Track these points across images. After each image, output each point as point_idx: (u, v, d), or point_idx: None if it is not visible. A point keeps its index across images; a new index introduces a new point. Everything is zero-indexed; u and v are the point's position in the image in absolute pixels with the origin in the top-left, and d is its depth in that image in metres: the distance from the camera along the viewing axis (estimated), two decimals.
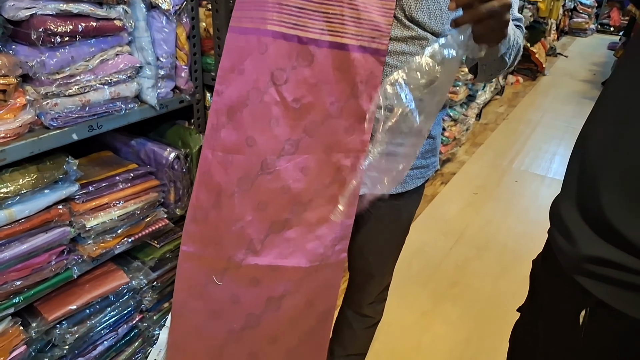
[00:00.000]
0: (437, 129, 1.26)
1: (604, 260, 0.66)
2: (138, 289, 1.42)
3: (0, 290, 1.07)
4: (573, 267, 0.72)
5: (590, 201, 0.69)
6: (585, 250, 0.69)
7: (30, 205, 1.06)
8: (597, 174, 0.68)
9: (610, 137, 0.69)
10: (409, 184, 1.26)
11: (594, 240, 0.68)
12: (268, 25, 0.97)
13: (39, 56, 0.98)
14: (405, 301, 2.36)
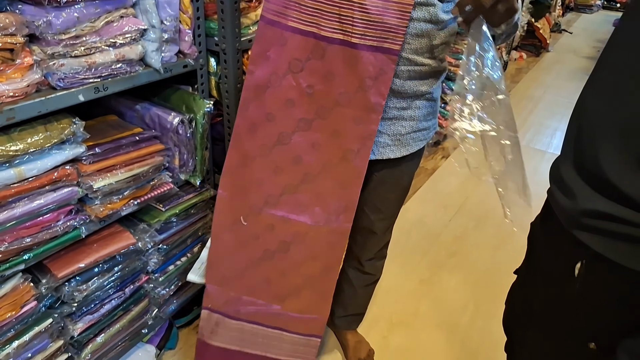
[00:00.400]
0: (438, 91, 1.29)
1: (601, 213, 0.69)
2: (144, 250, 1.46)
3: (11, 247, 1.10)
4: (572, 222, 0.75)
5: (588, 159, 0.71)
6: (583, 204, 0.72)
7: (38, 164, 1.09)
8: (596, 134, 0.70)
9: (608, 97, 0.71)
10: (412, 146, 1.30)
11: (592, 195, 0.71)
12: (289, 22, 1.12)
13: (45, 15, 0.99)
14: (404, 270, 2.41)
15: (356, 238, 1.56)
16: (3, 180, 1.03)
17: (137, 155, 1.32)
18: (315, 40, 1.12)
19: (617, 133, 0.68)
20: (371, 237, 1.53)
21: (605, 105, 0.71)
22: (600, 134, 0.70)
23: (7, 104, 0.99)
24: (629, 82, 0.68)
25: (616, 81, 0.71)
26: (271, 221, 1.33)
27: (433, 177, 3.28)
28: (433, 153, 3.62)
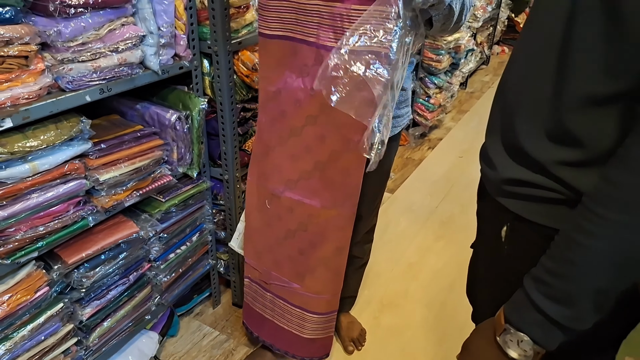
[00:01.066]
0: (408, 82, 1.44)
1: (518, 180, 0.79)
2: (146, 239, 1.57)
3: (26, 235, 1.21)
4: (495, 190, 0.85)
5: (508, 133, 0.81)
6: (503, 174, 0.82)
7: (50, 159, 1.20)
8: (513, 111, 0.80)
9: (520, 77, 0.81)
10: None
11: (510, 164, 0.81)
12: (297, 36, 1.28)
13: (56, 26, 1.10)
14: (394, 254, 2.53)
15: None
16: (19, 174, 1.14)
17: (139, 150, 1.43)
18: (317, 49, 1.26)
19: (528, 108, 0.78)
20: (358, 221, 1.64)
21: (519, 81, 0.81)
22: (515, 107, 0.80)
23: (23, 105, 1.10)
24: (534, 62, 0.78)
25: (524, 62, 0.81)
26: (290, 204, 1.48)
27: (420, 167, 3.41)
28: (420, 144, 3.74)
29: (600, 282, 0.64)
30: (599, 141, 0.69)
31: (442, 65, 3.51)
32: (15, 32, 1.04)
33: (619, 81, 0.65)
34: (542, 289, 0.68)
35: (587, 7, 0.67)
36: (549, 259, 0.68)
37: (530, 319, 0.70)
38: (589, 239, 0.63)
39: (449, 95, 3.90)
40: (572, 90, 0.70)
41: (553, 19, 0.73)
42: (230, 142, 1.70)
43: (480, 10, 4.24)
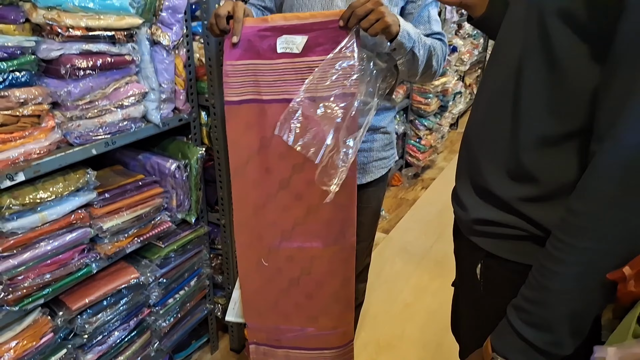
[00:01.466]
0: (391, 125, 1.55)
1: (486, 220, 0.86)
2: (146, 284, 1.62)
3: (34, 283, 1.27)
4: (467, 229, 0.92)
5: (475, 174, 0.89)
6: (473, 214, 0.88)
7: (58, 209, 1.27)
8: (478, 153, 0.88)
9: (481, 121, 0.90)
10: (375, 173, 1.53)
11: (478, 205, 0.87)
12: (265, 97, 1.34)
13: (66, 87, 1.20)
14: (390, 295, 2.57)
15: None
16: (29, 224, 1.21)
17: (140, 198, 1.51)
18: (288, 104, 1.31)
19: (489, 148, 0.86)
20: None
21: (480, 125, 0.90)
22: (479, 150, 0.88)
23: (34, 160, 1.18)
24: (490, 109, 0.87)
25: (485, 103, 0.90)
26: (289, 253, 1.50)
27: (414, 207, 3.48)
28: (413, 185, 3.83)
29: (574, 306, 0.69)
30: (555, 177, 0.77)
31: (430, 108, 3.64)
32: (30, 93, 1.14)
33: (565, 123, 0.74)
34: (523, 316, 0.73)
35: (532, 56, 0.76)
36: (527, 288, 0.74)
37: (513, 346, 0.74)
38: (558, 266, 0.69)
39: (440, 136, 4.02)
40: (525, 132, 0.78)
41: (506, 67, 0.82)
42: (227, 188, 1.77)
43: (467, 55, 4.41)
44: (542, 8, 0.74)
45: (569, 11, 0.70)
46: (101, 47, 1.24)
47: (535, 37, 0.76)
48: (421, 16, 1.42)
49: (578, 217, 0.67)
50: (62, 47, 1.17)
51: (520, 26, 0.81)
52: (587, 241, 0.66)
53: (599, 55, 0.69)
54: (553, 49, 0.73)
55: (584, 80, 0.71)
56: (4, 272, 1.19)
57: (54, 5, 1.14)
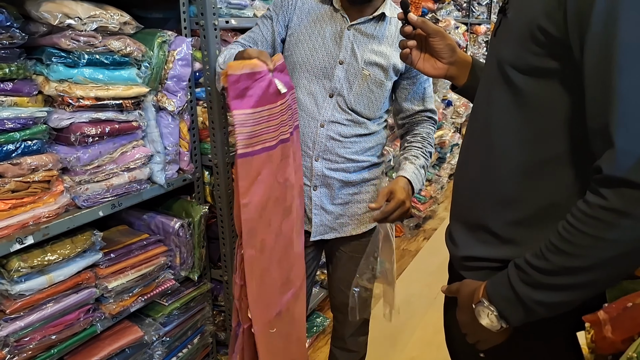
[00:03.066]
0: (384, 178, 1.62)
1: (475, 257, 0.93)
2: (150, 343, 1.63)
3: (40, 344, 1.29)
4: (458, 265, 0.99)
5: (465, 211, 0.97)
6: (463, 251, 0.96)
7: (65, 270, 1.31)
8: (463, 192, 0.97)
9: (461, 162, 1.00)
10: (369, 224, 1.58)
11: (470, 242, 0.95)
12: (271, 142, 1.30)
13: (75, 153, 1.27)
14: (395, 349, 2.54)
15: (338, 316, 1.76)
16: (37, 286, 1.25)
17: (145, 257, 1.55)
18: (282, 144, 1.35)
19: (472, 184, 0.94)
20: (347, 313, 1.69)
21: (463, 162, 1.00)
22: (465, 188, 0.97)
23: (44, 223, 1.24)
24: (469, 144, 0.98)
25: (463, 147, 1.00)
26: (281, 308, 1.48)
27: (417, 258, 3.48)
28: (415, 235, 3.85)
29: (570, 280, 0.74)
30: (538, 200, 0.84)
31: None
32: (41, 160, 1.21)
33: (539, 151, 0.82)
34: (521, 275, 0.79)
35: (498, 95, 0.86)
36: (532, 256, 0.78)
37: (504, 296, 0.82)
38: (565, 244, 0.73)
39: (439, 187, 4.08)
40: (502, 163, 0.87)
41: (479, 111, 0.93)
42: (229, 245, 1.81)
43: (462, 108, 4.54)
44: (500, 60, 0.85)
45: (520, 60, 0.81)
46: (109, 115, 1.32)
47: (500, 80, 0.85)
48: (417, 93, 1.53)
49: (593, 208, 0.69)
50: (72, 116, 1.25)
51: (486, 78, 0.92)
52: (598, 230, 0.69)
53: (564, 89, 0.77)
54: (515, 89, 0.83)
55: (552, 113, 0.80)
56: (11, 334, 1.22)
57: (66, 79, 1.23)
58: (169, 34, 1.46)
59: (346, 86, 1.43)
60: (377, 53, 1.43)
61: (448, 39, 1.10)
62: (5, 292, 1.21)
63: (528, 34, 0.78)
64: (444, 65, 1.12)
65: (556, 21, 0.74)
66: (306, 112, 1.46)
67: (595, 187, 0.70)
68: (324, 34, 1.42)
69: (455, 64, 1.12)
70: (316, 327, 2.55)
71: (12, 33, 1.10)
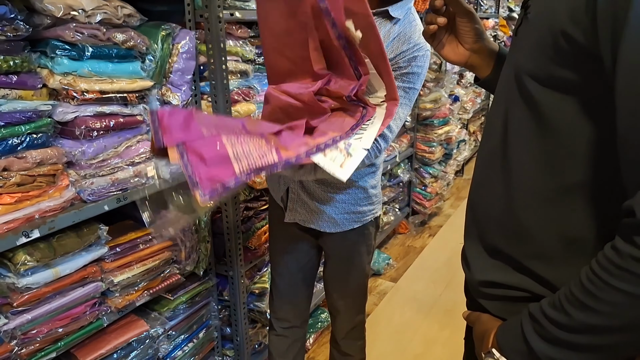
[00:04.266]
0: (369, 181, 1.51)
1: (492, 282, 0.83)
2: (155, 337, 1.64)
3: (47, 337, 1.29)
4: (474, 291, 0.89)
5: (483, 234, 0.87)
6: (479, 276, 0.86)
7: (71, 264, 1.31)
8: (480, 215, 0.88)
9: (477, 182, 0.91)
10: (345, 225, 1.51)
11: (487, 266, 0.85)
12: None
13: (80, 147, 1.27)
14: (399, 346, 2.54)
15: (333, 315, 1.73)
16: (43, 279, 1.25)
17: (150, 252, 1.55)
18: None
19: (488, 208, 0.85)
20: (337, 315, 1.69)
21: (479, 184, 0.91)
22: (481, 211, 0.87)
23: (49, 217, 1.24)
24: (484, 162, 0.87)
25: (481, 160, 0.90)
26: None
27: (422, 255, 3.48)
28: (420, 232, 3.84)
29: (592, 341, 0.65)
30: (555, 234, 0.75)
31: (435, 156, 3.71)
32: (46, 154, 1.21)
33: (559, 178, 0.73)
34: (536, 328, 0.70)
35: (515, 112, 0.77)
36: (549, 306, 0.69)
37: (515, 348, 0.73)
38: (587, 298, 0.63)
39: (445, 184, 4.07)
40: (517, 190, 0.79)
41: (495, 124, 0.83)
42: (234, 240, 1.81)
43: (469, 103, 4.52)
44: (518, 68, 0.76)
45: (541, 71, 0.71)
46: (114, 109, 1.32)
47: (517, 94, 0.76)
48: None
49: (624, 259, 0.60)
50: (77, 109, 1.25)
51: (503, 84, 0.83)
52: (630, 286, 0.59)
53: (589, 107, 0.68)
54: (534, 103, 0.73)
55: (575, 133, 0.70)
56: (19, 327, 1.22)
57: (70, 72, 1.23)
58: (173, 27, 1.45)
59: None
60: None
61: (478, 22, 0.99)
62: (12, 285, 1.21)
63: (550, 40, 0.68)
64: (466, 52, 1.01)
65: (583, 26, 0.63)
66: None
67: (627, 233, 0.59)
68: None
69: (479, 53, 1.01)
70: (320, 323, 2.55)
71: (16, 25, 1.10)
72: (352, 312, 1.68)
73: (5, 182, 1.14)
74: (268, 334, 1.79)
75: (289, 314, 1.72)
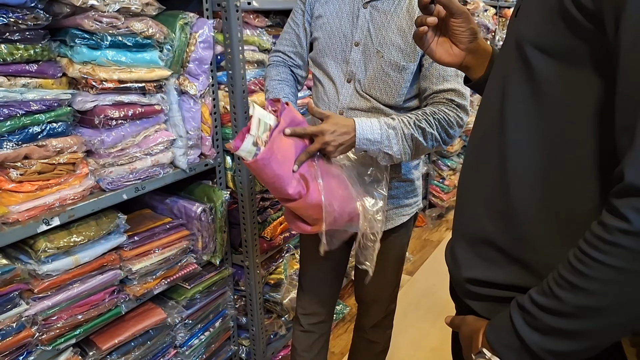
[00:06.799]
0: (413, 174, 1.52)
1: (480, 280, 0.80)
2: (173, 325, 1.66)
3: (66, 323, 1.31)
4: (461, 290, 0.85)
5: (469, 223, 0.85)
6: (466, 273, 0.83)
7: (90, 252, 1.33)
8: (468, 200, 0.85)
9: (468, 165, 0.87)
10: (396, 221, 1.51)
11: (473, 261, 0.81)
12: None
13: (99, 136, 1.28)
14: (415, 339, 2.53)
15: (361, 306, 1.73)
16: (63, 266, 1.27)
17: (168, 241, 1.56)
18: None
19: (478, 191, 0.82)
20: (373, 305, 1.69)
21: (467, 171, 0.88)
22: (470, 196, 0.84)
23: (69, 205, 1.25)
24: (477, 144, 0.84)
25: (471, 147, 0.87)
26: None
27: (439, 248, 3.45)
28: (437, 226, 3.82)
29: (587, 325, 0.62)
30: (550, 214, 0.72)
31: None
32: (66, 143, 1.22)
33: (558, 155, 0.70)
34: (527, 318, 0.67)
35: (514, 86, 0.74)
36: (538, 293, 0.67)
37: (507, 343, 0.70)
38: (578, 278, 0.61)
39: None
40: (513, 169, 0.75)
41: (490, 105, 0.80)
42: (250, 230, 1.82)
43: None
44: (520, 38, 0.73)
45: (546, 39, 0.68)
46: (132, 98, 1.33)
47: (516, 66, 0.73)
48: (434, 68, 1.30)
49: (612, 233, 0.57)
50: (96, 98, 1.26)
51: (501, 61, 0.79)
52: (621, 260, 0.57)
53: (595, 81, 0.65)
54: (535, 74, 0.70)
55: (579, 109, 0.67)
56: (39, 313, 1.24)
57: (89, 60, 1.24)
58: (190, 16, 1.45)
59: (361, 69, 1.34)
60: (395, 32, 1.29)
61: (472, 22, 0.94)
62: (33, 272, 1.23)
63: (557, 6, 0.66)
64: (461, 52, 0.96)
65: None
66: (328, 98, 1.41)
67: (614, 206, 0.58)
68: (341, 14, 1.36)
69: (474, 53, 0.96)
70: (336, 315, 2.55)
71: (36, 14, 1.11)
72: (387, 301, 1.69)
73: (26, 170, 1.16)
74: (293, 329, 1.79)
75: (319, 309, 1.72)
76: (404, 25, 1.29)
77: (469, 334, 0.79)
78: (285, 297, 2.11)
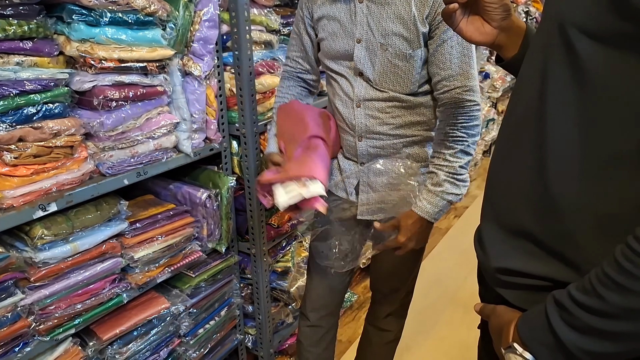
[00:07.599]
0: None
1: (511, 270, 0.77)
2: (177, 314, 1.61)
3: (65, 313, 1.27)
4: (491, 279, 0.83)
5: (503, 213, 0.81)
6: (496, 262, 0.80)
7: (90, 239, 1.28)
8: (503, 190, 0.81)
9: (502, 155, 0.82)
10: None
11: (505, 250, 0.79)
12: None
13: (99, 118, 1.22)
14: (424, 328, 2.49)
15: (377, 296, 1.70)
16: (61, 254, 1.22)
17: (171, 228, 1.51)
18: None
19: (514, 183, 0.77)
20: (387, 295, 1.66)
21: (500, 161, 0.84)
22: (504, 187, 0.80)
23: (67, 190, 1.20)
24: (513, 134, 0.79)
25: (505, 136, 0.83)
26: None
27: (447, 236, 3.40)
28: (446, 213, 3.75)
29: (630, 327, 0.60)
30: (591, 210, 0.68)
31: None
32: (63, 125, 1.16)
33: (602, 148, 0.66)
34: (565, 316, 0.64)
35: (556, 73, 0.69)
36: (578, 290, 0.64)
37: (542, 340, 0.67)
38: (623, 277, 0.58)
39: (473, 164, 3.95)
40: (552, 162, 0.71)
41: (527, 93, 0.75)
42: (257, 217, 1.76)
43: (499, 81, 4.36)
44: (562, 20, 0.67)
45: (594, 22, 0.63)
46: (133, 79, 1.26)
47: (559, 50, 0.68)
48: (434, 56, 1.26)
49: None
50: (95, 78, 1.20)
51: (540, 41, 0.73)
52: None
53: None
54: (580, 61, 0.65)
55: (629, 96, 0.62)
56: (36, 302, 1.20)
57: (88, 38, 1.17)
58: None
59: (368, 65, 1.31)
60: (396, 21, 1.25)
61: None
62: (29, 260, 1.18)
63: None
64: (493, 31, 0.89)
65: None
66: (344, 92, 1.38)
67: None
68: (339, 14, 1.33)
69: (508, 31, 0.89)
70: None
71: None
72: (403, 291, 1.67)
73: (21, 153, 1.10)
74: (299, 325, 1.76)
75: (328, 303, 1.69)
76: (403, 12, 1.24)
77: (500, 326, 0.77)
78: (293, 285, 2.06)
